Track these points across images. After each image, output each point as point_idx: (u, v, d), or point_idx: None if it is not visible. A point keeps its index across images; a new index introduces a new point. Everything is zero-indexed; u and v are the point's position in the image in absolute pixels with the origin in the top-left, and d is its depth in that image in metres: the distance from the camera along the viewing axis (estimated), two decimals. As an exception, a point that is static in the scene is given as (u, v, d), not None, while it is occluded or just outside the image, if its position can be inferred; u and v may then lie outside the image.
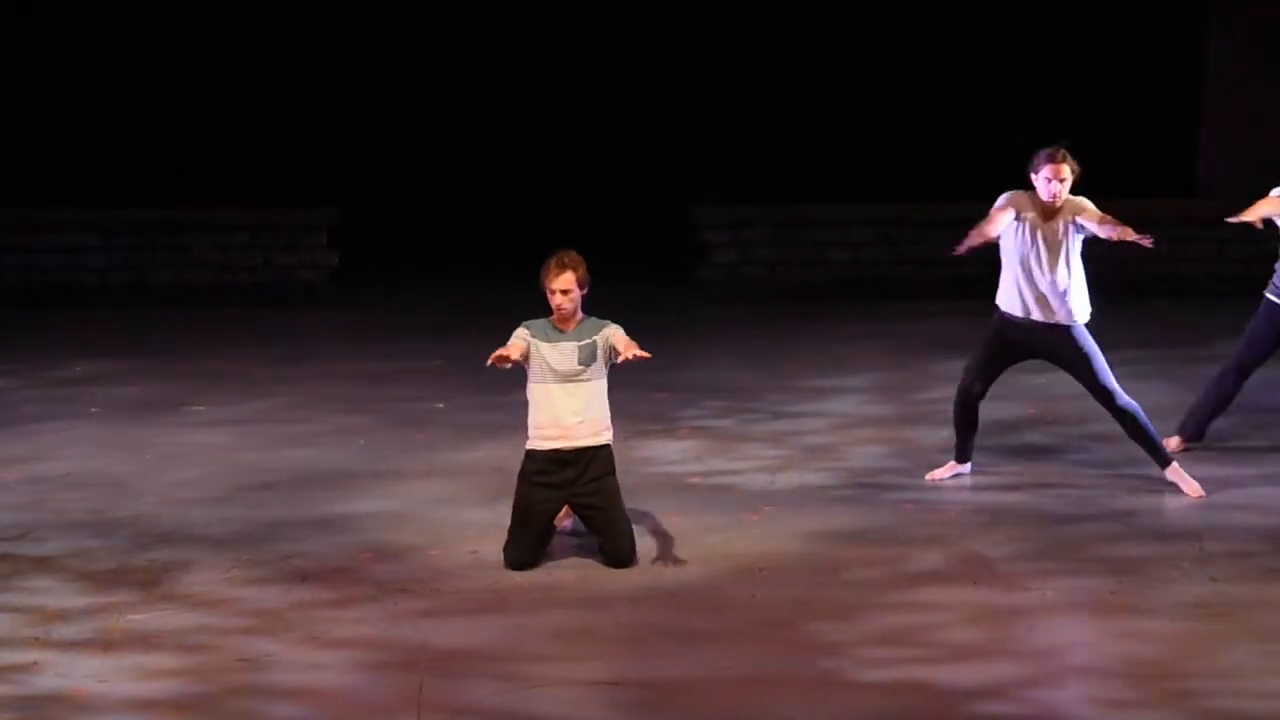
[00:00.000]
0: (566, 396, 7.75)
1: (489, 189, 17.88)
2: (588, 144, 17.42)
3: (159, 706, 6.15)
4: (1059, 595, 7.22)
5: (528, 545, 7.69)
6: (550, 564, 7.70)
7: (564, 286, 7.75)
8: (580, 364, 7.75)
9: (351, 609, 7.13)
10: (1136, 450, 8.78)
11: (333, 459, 9.59)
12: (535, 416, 7.82)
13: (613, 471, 7.81)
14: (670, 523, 8.25)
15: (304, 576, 7.54)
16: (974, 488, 8.89)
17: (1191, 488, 8.64)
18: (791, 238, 15.17)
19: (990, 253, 9.04)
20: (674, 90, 17.57)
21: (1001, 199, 8.62)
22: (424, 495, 8.83)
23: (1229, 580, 7.37)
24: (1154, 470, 8.76)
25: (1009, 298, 8.70)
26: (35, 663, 6.52)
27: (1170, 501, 8.53)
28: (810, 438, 9.89)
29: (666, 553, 7.81)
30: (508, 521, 7.76)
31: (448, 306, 14.39)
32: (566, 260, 7.78)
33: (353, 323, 14.18)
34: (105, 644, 6.72)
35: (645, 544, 7.79)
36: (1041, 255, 8.55)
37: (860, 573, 7.56)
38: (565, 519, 8.02)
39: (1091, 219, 8.49)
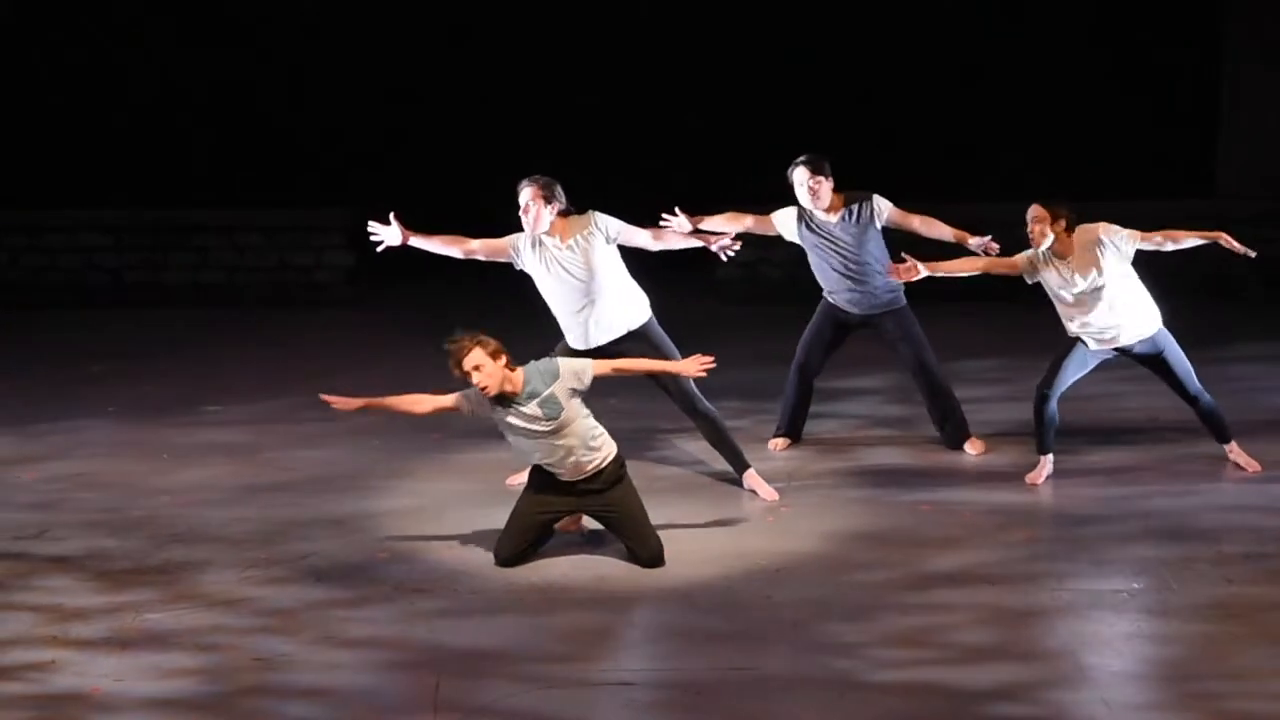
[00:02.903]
0: (551, 447, 7.62)
1: (505, 185, 17.80)
2: (605, 142, 17.38)
3: (175, 706, 6.16)
4: (1075, 597, 7.21)
5: (521, 541, 7.65)
6: (565, 564, 7.69)
7: (475, 363, 7.47)
8: (548, 419, 7.59)
9: (367, 609, 7.14)
10: (1152, 452, 8.74)
11: (348, 459, 9.60)
12: (530, 459, 7.73)
13: (624, 476, 7.77)
14: (685, 523, 8.25)
15: (319, 576, 7.55)
16: (989, 489, 8.88)
17: (768, 493, 8.66)
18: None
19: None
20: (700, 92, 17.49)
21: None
22: (439, 495, 8.83)
23: (1245, 582, 7.36)
24: (1170, 469, 8.74)
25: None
26: (52, 661, 6.54)
27: (1187, 503, 8.51)
28: (826, 438, 9.89)
29: (681, 553, 7.81)
30: (522, 522, 7.77)
31: (463, 306, 14.38)
32: (466, 342, 7.45)
33: (368, 322, 14.19)
34: (122, 643, 6.73)
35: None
36: (564, 273, 8.58)
37: (876, 573, 7.55)
38: (574, 523, 8.00)
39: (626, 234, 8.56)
